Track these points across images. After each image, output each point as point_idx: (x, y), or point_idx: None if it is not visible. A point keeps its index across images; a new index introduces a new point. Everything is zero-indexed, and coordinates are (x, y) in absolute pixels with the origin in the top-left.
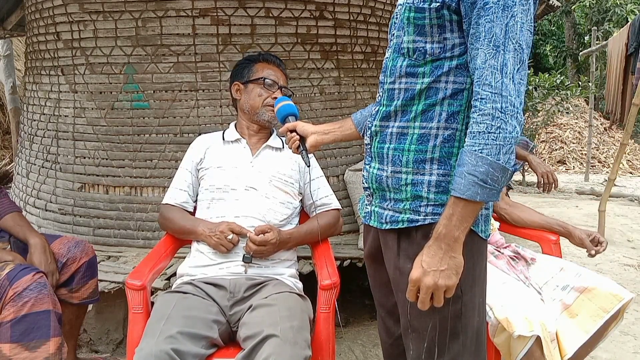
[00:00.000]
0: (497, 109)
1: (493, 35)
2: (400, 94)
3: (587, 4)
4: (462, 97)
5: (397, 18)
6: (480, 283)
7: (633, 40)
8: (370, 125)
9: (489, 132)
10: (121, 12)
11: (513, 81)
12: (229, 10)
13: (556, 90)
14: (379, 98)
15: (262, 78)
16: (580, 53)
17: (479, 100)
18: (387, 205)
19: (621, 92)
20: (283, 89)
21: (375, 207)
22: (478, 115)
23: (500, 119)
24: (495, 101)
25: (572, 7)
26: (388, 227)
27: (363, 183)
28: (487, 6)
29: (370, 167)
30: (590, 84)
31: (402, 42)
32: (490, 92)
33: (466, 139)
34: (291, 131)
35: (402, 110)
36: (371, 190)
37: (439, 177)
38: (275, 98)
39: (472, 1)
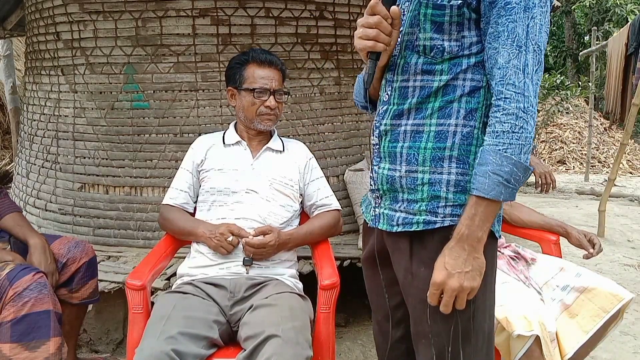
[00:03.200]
0: (520, 109)
1: (516, 36)
2: (415, 92)
3: (587, 4)
4: (479, 94)
5: (403, 14)
6: (491, 284)
7: (633, 40)
8: (378, 124)
9: (513, 132)
10: (121, 12)
11: (532, 82)
12: (229, 10)
13: (556, 90)
14: (387, 97)
15: (252, 89)
16: (580, 53)
17: (503, 99)
18: (399, 207)
19: (621, 92)
20: (276, 93)
21: (385, 209)
22: (502, 114)
23: (523, 118)
24: (519, 101)
25: (572, 7)
26: (400, 229)
27: (371, 185)
28: (508, 6)
29: (379, 168)
30: (590, 84)
31: (416, 39)
32: (514, 91)
33: (486, 138)
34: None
35: (417, 108)
36: (381, 192)
37: (457, 176)
38: (269, 107)
39: (490, 0)
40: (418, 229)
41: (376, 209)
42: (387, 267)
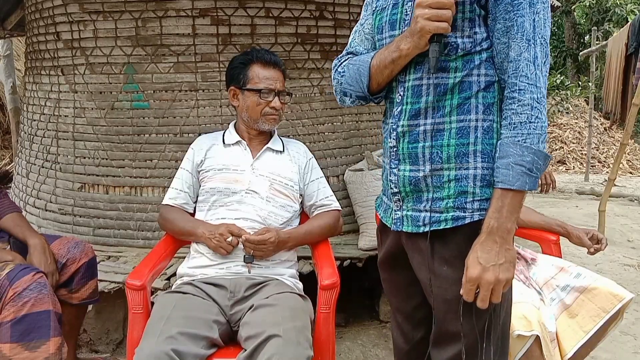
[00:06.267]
0: (534, 100)
1: (525, 30)
2: (429, 90)
3: (587, 4)
4: (494, 89)
5: (406, 14)
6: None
7: (633, 40)
8: (394, 126)
9: (530, 122)
10: (121, 12)
11: (542, 73)
12: (229, 10)
13: (556, 90)
14: (400, 97)
15: (258, 90)
16: (580, 53)
17: (517, 91)
18: (424, 207)
19: (621, 92)
20: (281, 94)
21: (408, 211)
22: (518, 106)
23: (537, 109)
24: (533, 92)
25: (572, 7)
26: (427, 229)
27: (391, 188)
28: (515, 2)
29: (399, 171)
30: (590, 84)
31: None
32: (527, 83)
33: (504, 131)
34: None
35: (434, 107)
36: (403, 194)
37: (483, 170)
38: (274, 107)
39: None
40: (447, 227)
41: (398, 212)
42: (406, 268)
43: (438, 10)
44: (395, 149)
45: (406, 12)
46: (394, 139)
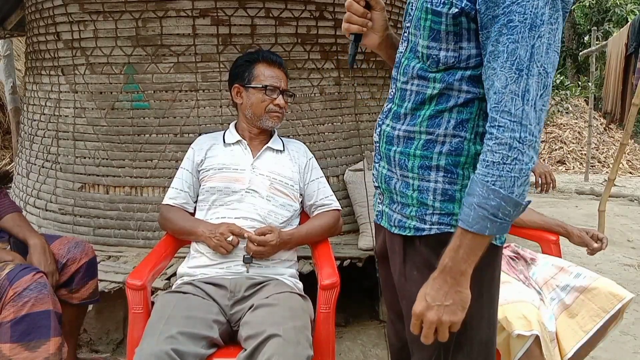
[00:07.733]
0: (515, 139)
1: (517, 58)
2: (411, 96)
3: (587, 4)
4: (473, 105)
5: (412, 9)
6: (490, 292)
7: (633, 40)
8: (381, 122)
9: (505, 163)
10: (121, 12)
11: (534, 108)
12: (229, 10)
13: (556, 90)
14: (392, 94)
15: (264, 86)
16: (580, 53)
17: (496, 127)
18: (395, 208)
19: (621, 92)
20: (284, 93)
21: (386, 207)
22: (494, 143)
23: (518, 149)
24: (514, 130)
25: (572, 7)
26: (396, 231)
27: (373, 182)
28: (511, 24)
29: (379, 167)
30: (590, 84)
31: (417, 44)
32: (509, 120)
33: (478, 165)
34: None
35: (412, 114)
36: (381, 189)
37: (445, 184)
38: (278, 105)
39: (492, 15)
40: (409, 234)
41: (380, 205)
42: None
43: (348, 14)
44: (377, 144)
45: (412, 5)
46: (377, 134)
